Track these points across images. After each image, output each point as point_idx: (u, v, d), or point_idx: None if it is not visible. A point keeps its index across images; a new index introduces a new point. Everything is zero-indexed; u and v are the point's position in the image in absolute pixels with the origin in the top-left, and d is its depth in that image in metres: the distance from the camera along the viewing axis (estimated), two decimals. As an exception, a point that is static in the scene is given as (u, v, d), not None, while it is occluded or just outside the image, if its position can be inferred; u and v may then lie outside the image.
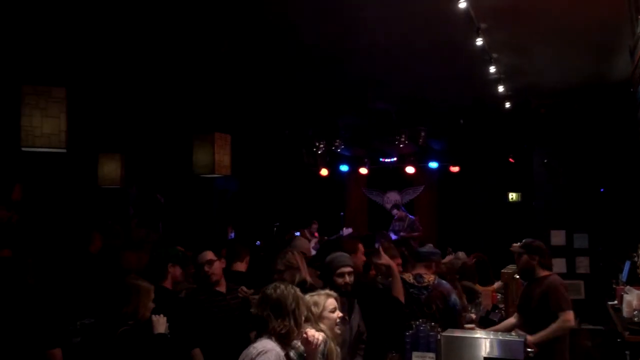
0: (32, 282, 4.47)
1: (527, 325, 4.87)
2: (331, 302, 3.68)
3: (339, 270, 4.28)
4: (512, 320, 5.34)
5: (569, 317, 4.78)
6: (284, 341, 3.19)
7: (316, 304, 3.60)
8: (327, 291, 3.79)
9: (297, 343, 3.32)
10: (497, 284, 7.76)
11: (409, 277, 5.16)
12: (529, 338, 4.57)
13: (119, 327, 3.54)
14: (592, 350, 7.05)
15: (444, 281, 5.17)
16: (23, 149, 5.00)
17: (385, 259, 4.93)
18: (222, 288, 4.87)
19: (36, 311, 4.07)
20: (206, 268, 4.81)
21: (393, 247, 5.70)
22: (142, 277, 4.07)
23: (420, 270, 5.18)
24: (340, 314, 3.70)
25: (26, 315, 4.03)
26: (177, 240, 8.24)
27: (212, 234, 11.49)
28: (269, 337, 3.16)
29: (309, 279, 4.57)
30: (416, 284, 5.08)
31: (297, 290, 3.36)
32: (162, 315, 3.76)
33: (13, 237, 7.60)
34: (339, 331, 3.64)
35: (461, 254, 7.34)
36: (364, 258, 5.41)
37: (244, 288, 4.76)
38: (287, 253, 4.74)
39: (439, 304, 4.93)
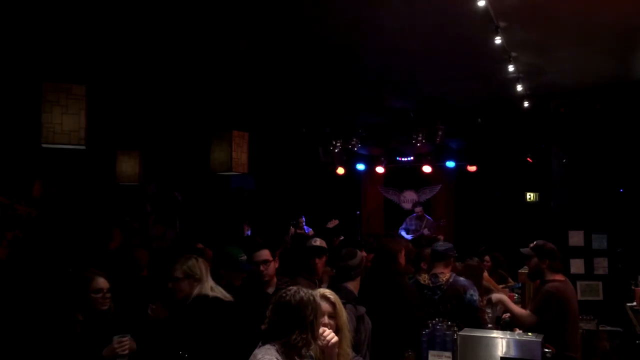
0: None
1: (534, 326, 4.86)
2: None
3: None
4: None
5: (531, 320, 4.85)
6: (295, 353, 2.87)
7: None
8: (324, 292, 3.36)
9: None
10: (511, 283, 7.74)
11: (425, 278, 5.17)
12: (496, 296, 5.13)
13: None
14: (611, 351, 6.98)
15: (461, 278, 5.16)
16: (43, 145, 5.06)
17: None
18: (271, 289, 4.57)
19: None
20: (262, 267, 4.59)
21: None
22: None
23: (439, 269, 5.17)
24: (327, 320, 3.22)
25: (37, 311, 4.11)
26: (194, 238, 8.29)
27: (228, 232, 11.55)
28: (273, 346, 2.86)
29: (211, 293, 4.04)
30: (431, 284, 5.09)
31: (316, 297, 3.02)
32: (126, 339, 3.72)
33: (33, 233, 7.71)
34: (321, 342, 3.03)
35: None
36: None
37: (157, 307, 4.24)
38: (189, 259, 4.11)
39: (454, 302, 4.92)
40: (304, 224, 12.17)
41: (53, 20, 5.31)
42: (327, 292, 3.37)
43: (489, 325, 5.28)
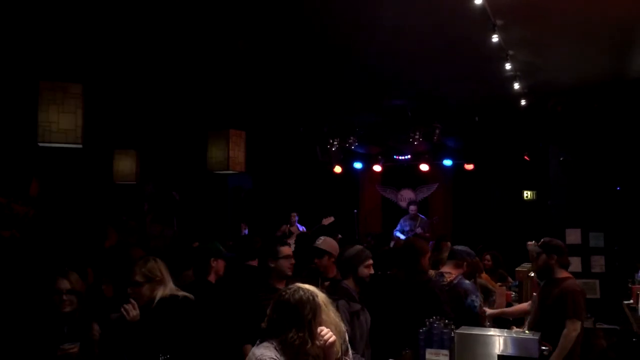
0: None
1: (541, 325, 4.83)
2: None
3: (367, 262, 4.34)
4: (525, 306, 5.33)
5: (577, 326, 4.69)
6: (293, 351, 2.87)
7: None
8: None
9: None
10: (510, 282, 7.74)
11: (431, 274, 5.16)
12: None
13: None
14: (608, 349, 7.00)
15: (466, 281, 5.12)
16: (40, 144, 5.04)
17: None
18: (282, 284, 4.50)
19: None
20: (292, 261, 4.65)
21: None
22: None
23: (448, 268, 5.16)
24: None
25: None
26: (192, 237, 8.28)
27: (225, 231, 11.54)
28: (271, 344, 2.88)
29: (180, 293, 3.91)
30: None
31: (317, 297, 3.00)
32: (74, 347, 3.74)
33: (30, 232, 7.69)
34: (319, 342, 2.95)
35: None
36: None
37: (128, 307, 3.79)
38: (148, 261, 3.93)
39: (454, 304, 4.90)
40: (296, 221, 12.14)
41: (50, 19, 5.30)
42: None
43: (487, 324, 5.28)
